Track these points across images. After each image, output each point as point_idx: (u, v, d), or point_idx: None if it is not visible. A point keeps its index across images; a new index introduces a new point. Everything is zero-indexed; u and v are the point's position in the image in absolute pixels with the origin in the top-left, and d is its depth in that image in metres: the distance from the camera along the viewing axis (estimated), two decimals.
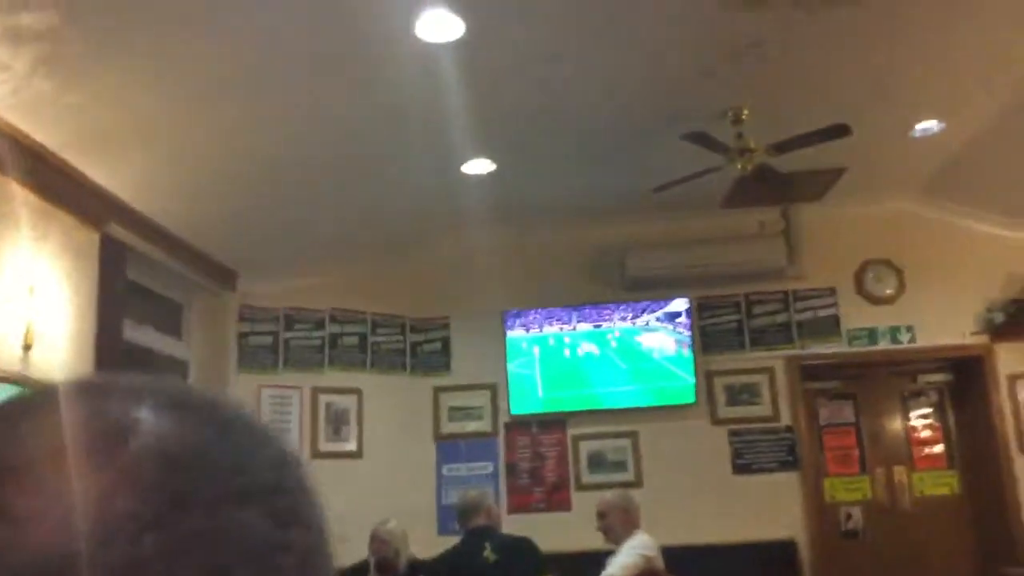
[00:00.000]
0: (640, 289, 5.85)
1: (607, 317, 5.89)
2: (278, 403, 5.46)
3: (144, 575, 0.30)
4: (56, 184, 3.51)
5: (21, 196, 3.29)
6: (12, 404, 0.36)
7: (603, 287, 5.95)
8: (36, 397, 0.36)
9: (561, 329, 5.88)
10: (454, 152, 4.52)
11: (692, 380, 5.77)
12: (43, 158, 3.41)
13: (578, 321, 5.88)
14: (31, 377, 3.28)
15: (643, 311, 5.87)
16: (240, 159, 4.11)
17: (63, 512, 0.30)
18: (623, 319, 5.88)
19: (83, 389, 0.36)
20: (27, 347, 3.25)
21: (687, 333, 5.82)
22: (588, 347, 5.88)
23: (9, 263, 3.21)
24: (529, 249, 5.95)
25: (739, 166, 4.44)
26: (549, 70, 3.78)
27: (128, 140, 3.65)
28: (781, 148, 4.36)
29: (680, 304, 5.85)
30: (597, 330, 5.88)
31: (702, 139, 4.24)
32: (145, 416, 0.34)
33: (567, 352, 5.87)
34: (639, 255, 5.81)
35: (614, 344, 5.87)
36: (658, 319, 5.87)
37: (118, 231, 3.98)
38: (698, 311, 5.93)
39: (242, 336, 5.44)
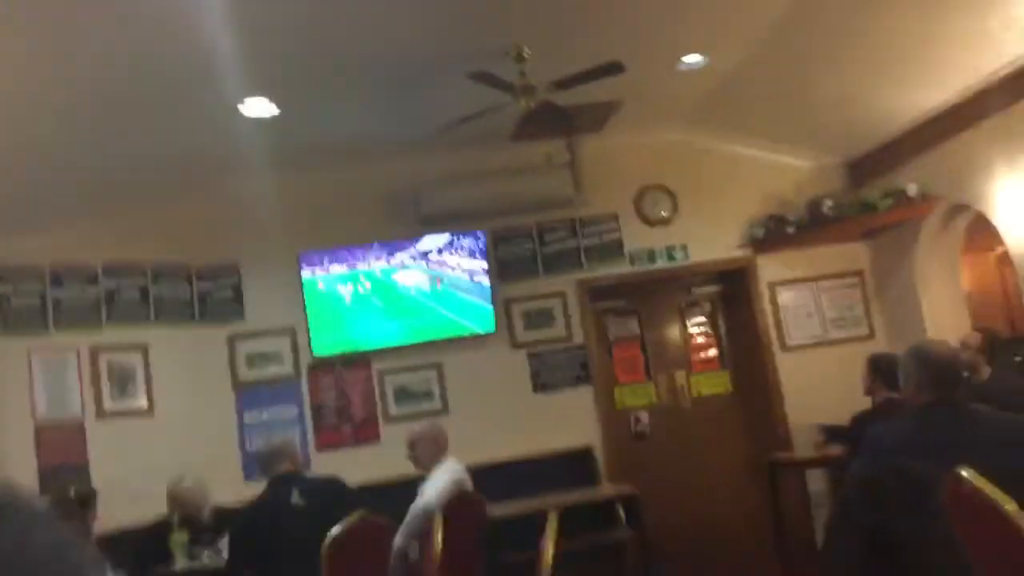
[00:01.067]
0: (437, 224, 5.95)
1: (407, 252, 5.95)
2: (52, 367, 5.09)
3: None
4: None
5: None
6: None
7: (399, 224, 5.99)
8: None
9: (359, 268, 5.88)
10: (231, 94, 4.34)
11: (491, 309, 5.98)
12: None
13: (376, 259, 5.91)
14: None
15: (442, 245, 5.98)
16: None
17: None
18: (422, 254, 5.97)
19: None
20: None
21: (484, 264, 6.00)
22: (389, 283, 5.93)
23: None
24: (321, 190, 5.87)
25: (522, 103, 4.58)
26: (324, 7, 3.70)
27: None
28: (561, 85, 4.54)
29: (476, 238, 6.00)
30: (395, 267, 5.94)
31: (487, 78, 4.32)
32: None
33: (367, 290, 5.90)
34: (433, 191, 5.89)
35: (415, 279, 5.96)
36: (457, 252, 6.00)
37: None
38: (494, 242, 6.12)
39: (2, 298, 5.02)
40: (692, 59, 5.12)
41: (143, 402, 5.43)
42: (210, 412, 5.64)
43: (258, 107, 4.59)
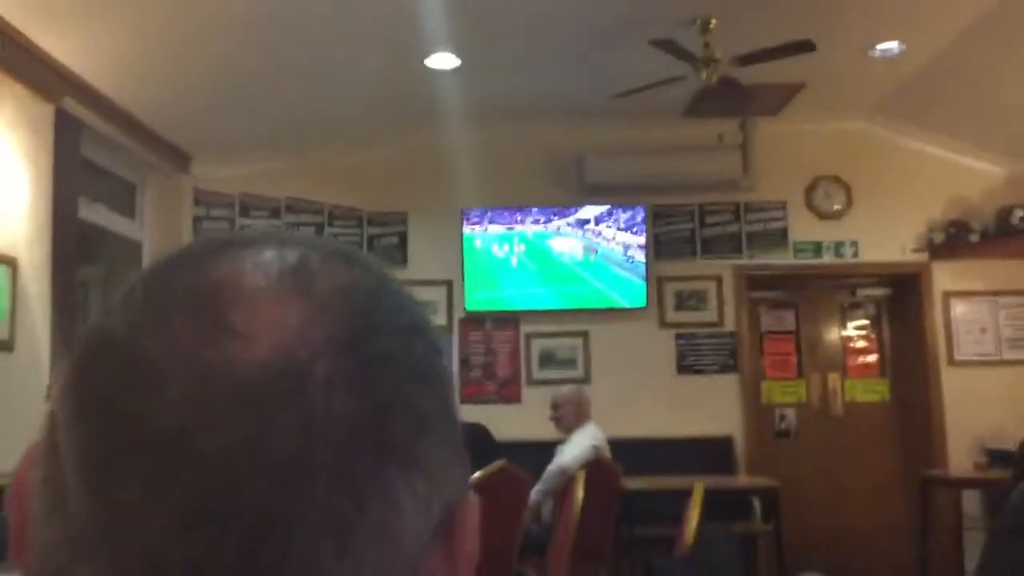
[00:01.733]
0: (598, 194, 5.93)
1: (567, 219, 5.97)
2: None
3: (344, 387, 0.36)
4: (11, 54, 3.40)
5: None
6: (199, 246, 0.41)
7: (561, 190, 6.01)
8: (216, 241, 0.41)
9: (519, 229, 5.95)
10: (418, 45, 4.46)
11: (644, 285, 5.92)
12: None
13: (535, 221, 5.96)
14: None
15: (600, 215, 5.96)
16: (198, 39, 4.01)
17: (276, 331, 0.36)
18: (580, 222, 5.97)
19: (254, 237, 0.41)
20: None
21: (641, 239, 5.94)
22: (544, 248, 5.97)
23: None
24: (491, 148, 5.95)
25: (703, 76, 4.48)
26: None
27: (86, 12, 3.54)
28: (746, 60, 4.41)
29: (636, 212, 5.95)
30: (554, 232, 5.97)
31: (670, 46, 4.26)
32: (320, 261, 0.39)
33: (523, 251, 5.96)
34: (598, 160, 5.86)
35: (571, 246, 5.98)
36: (614, 224, 5.97)
37: (73, 106, 3.89)
38: (653, 218, 6.04)
39: (197, 220, 5.40)
40: (887, 46, 4.86)
41: None
42: None
43: (442, 60, 4.70)
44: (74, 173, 3.96)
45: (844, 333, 6.38)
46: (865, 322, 6.41)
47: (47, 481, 0.37)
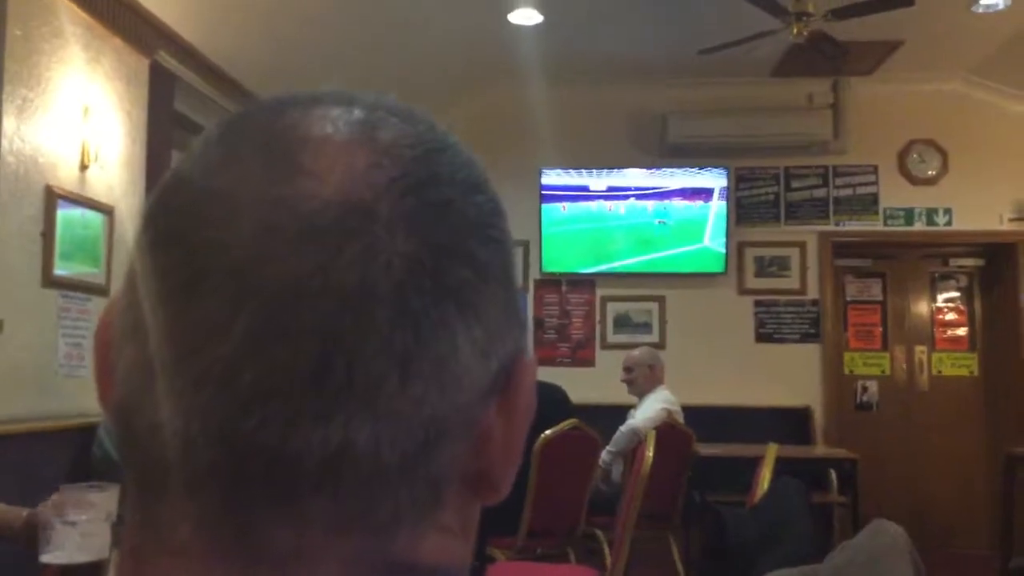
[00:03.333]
0: (680, 155, 5.83)
1: (646, 181, 5.89)
2: None
3: (406, 227, 0.37)
4: (109, 7, 3.51)
5: (76, 16, 3.31)
6: (274, 100, 0.42)
7: (643, 151, 5.92)
8: (289, 97, 0.42)
9: (598, 190, 5.90)
10: (500, 1, 4.43)
11: (723, 250, 5.81)
12: None
13: (615, 183, 5.89)
14: (88, 196, 3.39)
15: (681, 178, 5.86)
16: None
17: (343, 172, 0.37)
18: (662, 184, 5.88)
19: (323, 96, 0.42)
20: (84, 167, 3.34)
21: (723, 203, 5.82)
22: (623, 210, 5.91)
23: (65, 82, 3.26)
24: (569, 106, 5.89)
25: (795, 31, 4.33)
26: None
27: None
28: (840, 14, 4.24)
29: (718, 175, 5.83)
30: (634, 193, 5.90)
31: None
32: (383, 117, 0.41)
33: (602, 213, 5.91)
34: (682, 120, 5.75)
35: (650, 209, 5.90)
36: (696, 187, 5.86)
37: (167, 60, 4.00)
38: (735, 181, 5.91)
39: None
40: (992, 0, 4.61)
41: None
42: None
43: (525, 16, 4.66)
44: (167, 126, 4.08)
45: (933, 305, 6.16)
46: (956, 294, 6.17)
47: (127, 309, 0.39)
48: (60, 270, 3.24)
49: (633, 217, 5.91)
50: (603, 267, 5.92)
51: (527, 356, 0.42)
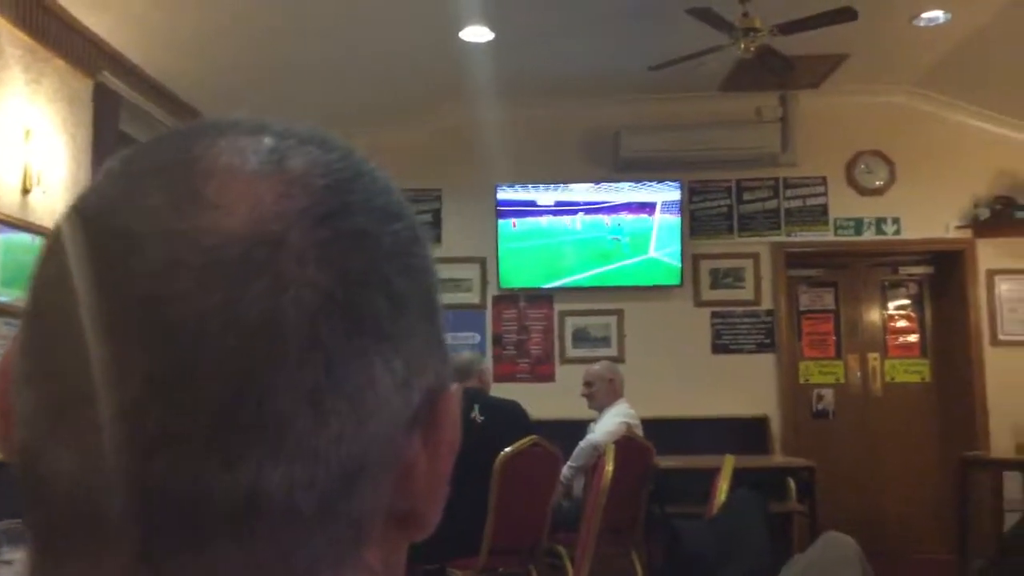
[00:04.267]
0: (633, 170, 5.87)
1: (594, 195, 5.92)
2: None
3: (318, 258, 0.36)
4: (50, 27, 3.44)
5: (16, 38, 3.24)
6: (184, 129, 0.41)
7: (596, 166, 5.95)
8: (199, 125, 0.41)
9: (545, 205, 5.91)
10: (452, 18, 4.43)
11: (678, 262, 5.86)
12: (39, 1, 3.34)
13: (570, 198, 5.91)
14: (30, 221, 3.31)
15: (636, 193, 5.91)
16: (236, 16, 4.03)
17: (251, 203, 0.36)
18: (609, 198, 5.91)
19: (233, 122, 0.41)
20: (26, 191, 3.26)
21: (676, 216, 5.87)
22: (578, 225, 5.93)
23: (5, 105, 3.19)
24: (524, 123, 5.90)
25: (742, 46, 4.40)
26: None
27: None
28: (786, 29, 4.31)
29: (663, 188, 5.88)
30: (588, 209, 5.92)
31: (707, 15, 4.18)
32: (296, 145, 0.39)
33: (558, 229, 5.92)
34: (634, 135, 5.79)
35: (605, 223, 5.93)
36: (649, 201, 5.90)
37: (111, 80, 3.93)
38: (688, 194, 5.97)
39: None
40: (933, 14, 4.72)
41: None
42: None
43: (475, 33, 4.67)
44: (112, 147, 4.00)
45: (885, 312, 6.27)
46: (907, 301, 6.28)
47: (26, 349, 0.37)
48: (2, 296, 3.16)
49: (589, 231, 5.94)
50: (560, 282, 5.93)
51: (451, 389, 0.41)
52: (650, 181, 5.89)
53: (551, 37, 4.86)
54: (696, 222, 5.99)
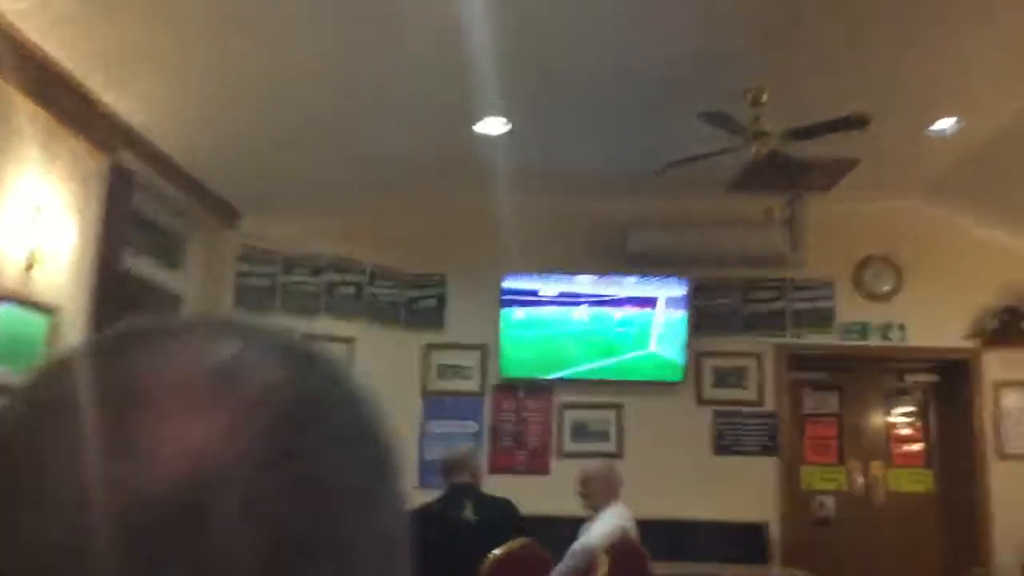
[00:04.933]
0: (640, 265, 5.86)
1: (605, 290, 5.90)
2: None
3: (253, 522, 0.31)
4: (68, 106, 3.47)
5: (33, 114, 3.26)
6: (122, 336, 0.36)
7: (603, 260, 5.95)
8: (144, 329, 0.36)
9: (558, 297, 5.89)
10: (469, 109, 4.48)
11: (682, 359, 5.80)
12: (59, 77, 3.37)
13: (576, 291, 5.89)
14: (31, 298, 3.28)
15: (641, 287, 5.89)
16: (250, 93, 4.07)
17: (183, 448, 0.31)
18: (620, 294, 5.89)
19: (188, 325, 0.36)
20: (29, 267, 3.24)
21: (682, 312, 5.84)
22: (582, 318, 5.89)
23: (17, 182, 3.19)
24: (533, 214, 5.92)
25: (753, 149, 4.43)
26: (575, 33, 3.75)
27: (146, 68, 3.61)
28: (798, 135, 4.35)
29: (678, 284, 5.86)
30: (594, 302, 5.89)
31: (719, 119, 4.22)
32: (254, 360, 0.34)
33: (561, 320, 5.89)
34: (641, 231, 5.81)
35: (608, 316, 5.89)
36: (653, 295, 5.88)
37: (127, 158, 3.95)
38: (695, 291, 5.95)
39: (240, 275, 5.42)
40: (944, 123, 4.77)
41: None
42: (398, 414, 5.78)
43: (491, 125, 4.71)
44: (123, 225, 4.00)
45: (889, 419, 6.18)
46: (912, 409, 6.20)
47: None
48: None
49: (594, 324, 5.90)
50: (561, 374, 5.86)
51: None
52: (656, 276, 5.88)
53: (565, 132, 4.91)
54: (701, 319, 5.95)
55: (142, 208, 4.45)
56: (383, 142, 4.80)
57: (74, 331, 3.59)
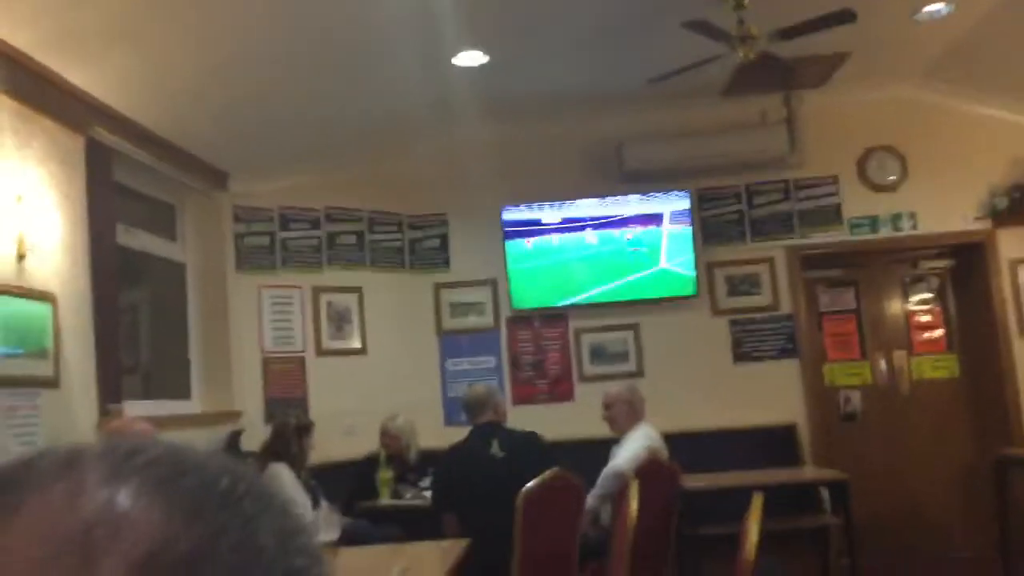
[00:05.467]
0: (638, 181, 5.77)
1: (608, 211, 5.82)
2: (280, 303, 5.45)
3: None
4: (37, 89, 3.40)
5: (3, 104, 3.19)
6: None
7: (601, 180, 5.86)
8: (17, 469, 0.31)
9: (560, 223, 5.82)
10: (444, 44, 4.36)
11: (693, 272, 5.75)
12: (22, 62, 3.29)
13: (578, 215, 5.82)
14: (26, 287, 3.26)
15: (644, 205, 5.80)
16: (221, 56, 3.97)
17: None
18: (622, 211, 5.82)
19: (45, 474, 0.31)
20: (21, 257, 3.21)
21: (687, 225, 5.76)
22: (588, 241, 5.84)
23: None
24: (525, 142, 5.82)
25: (741, 54, 4.29)
26: None
27: (108, 40, 3.51)
28: (785, 35, 4.21)
29: (670, 198, 5.78)
30: (598, 225, 5.82)
31: (703, 27, 4.07)
32: (125, 512, 0.29)
33: (567, 246, 5.83)
34: (637, 147, 5.70)
35: (614, 237, 5.83)
36: (658, 211, 5.80)
37: (103, 135, 3.88)
38: (698, 202, 5.86)
39: (238, 237, 5.38)
40: (933, 7, 4.61)
41: (357, 342, 5.69)
42: (416, 356, 5.81)
43: (469, 58, 4.60)
44: (109, 201, 3.96)
45: (908, 308, 6.13)
46: (929, 296, 6.14)
47: None
48: (2, 368, 3.10)
49: (600, 246, 5.84)
50: (573, 300, 5.83)
51: None
52: (657, 192, 5.79)
53: (545, 56, 4.78)
54: (708, 229, 5.88)
55: (128, 181, 4.40)
56: (364, 88, 4.70)
57: (77, 315, 3.58)
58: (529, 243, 5.82)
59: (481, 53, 4.56)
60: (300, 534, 0.33)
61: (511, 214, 5.79)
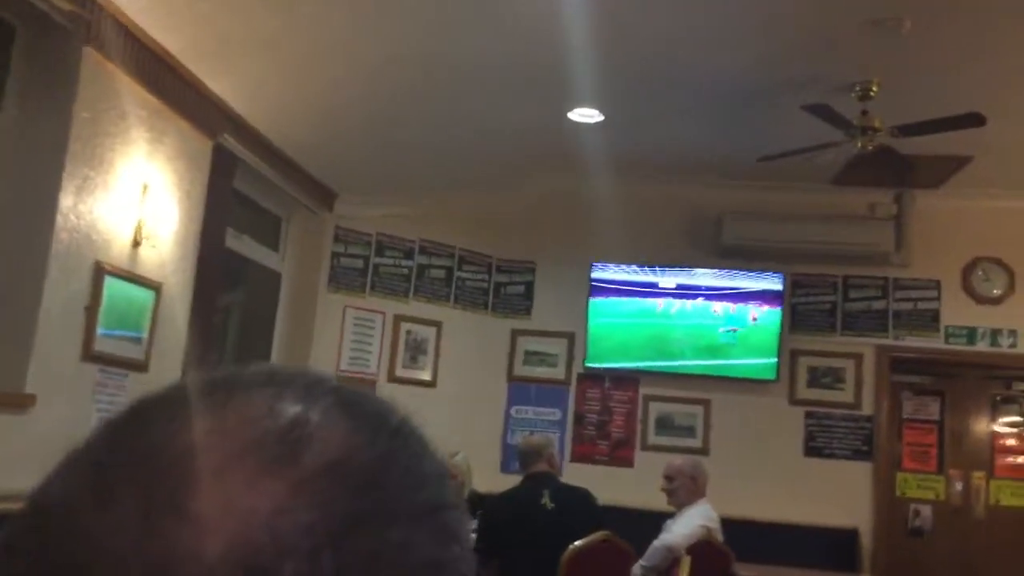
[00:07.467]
0: (733, 257, 5.73)
1: (697, 282, 5.78)
2: (362, 325, 5.57)
3: None
4: (177, 91, 3.59)
5: (142, 99, 3.39)
6: (177, 393, 0.35)
7: (695, 250, 5.83)
8: (201, 387, 0.35)
9: (648, 287, 5.81)
10: (563, 97, 4.45)
11: (775, 357, 5.65)
12: (169, 64, 3.49)
13: (666, 281, 5.80)
14: (138, 273, 3.42)
15: (735, 280, 5.75)
16: (351, 79, 4.14)
17: (240, 519, 0.30)
18: (713, 286, 5.77)
19: (251, 382, 0.35)
20: (136, 243, 3.37)
21: (777, 307, 5.68)
22: (673, 309, 5.80)
23: (126, 161, 3.32)
24: (625, 202, 5.84)
25: (859, 144, 4.25)
26: (674, 21, 3.66)
27: (247, 49, 3.70)
28: (907, 131, 4.16)
29: (773, 280, 5.70)
30: (685, 293, 5.79)
31: (824, 112, 4.06)
32: (319, 422, 0.33)
33: (651, 311, 5.81)
34: (738, 222, 5.66)
35: (698, 309, 5.78)
36: (749, 290, 5.74)
37: (230, 142, 4.07)
38: (791, 287, 5.77)
39: (335, 256, 5.55)
40: None
41: (428, 374, 5.77)
42: (483, 398, 5.84)
43: (584, 114, 4.67)
44: (225, 205, 4.14)
45: (993, 428, 5.88)
46: (1018, 419, 5.88)
47: None
48: (101, 345, 3.25)
49: (683, 316, 5.79)
50: (649, 365, 5.78)
51: None
52: (751, 270, 5.73)
53: (661, 119, 4.82)
54: (797, 316, 5.78)
55: (243, 188, 4.59)
56: (478, 127, 4.81)
57: (178, 306, 3.73)
58: (612, 302, 5.81)
59: (597, 111, 4.63)
60: (449, 478, 0.38)
61: (600, 272, 5.81)
